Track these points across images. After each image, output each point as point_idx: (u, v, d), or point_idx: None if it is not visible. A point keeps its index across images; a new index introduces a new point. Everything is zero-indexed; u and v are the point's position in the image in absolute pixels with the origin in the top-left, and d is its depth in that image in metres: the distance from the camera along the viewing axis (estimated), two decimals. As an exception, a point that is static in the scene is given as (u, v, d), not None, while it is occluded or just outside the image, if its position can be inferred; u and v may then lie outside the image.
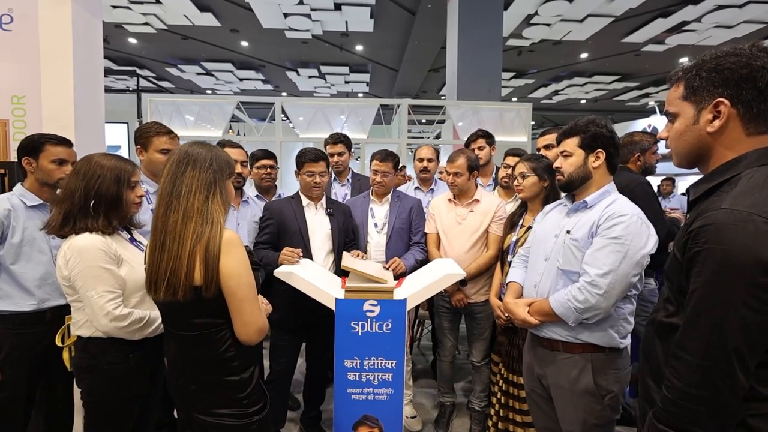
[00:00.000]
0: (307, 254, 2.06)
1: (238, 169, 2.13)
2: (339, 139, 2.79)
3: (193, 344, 1.17)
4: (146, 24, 7.40)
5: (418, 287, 1.77)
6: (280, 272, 1.81)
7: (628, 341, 1.40)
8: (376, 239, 2.32)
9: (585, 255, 1.35)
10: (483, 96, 5.69)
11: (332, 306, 1.73)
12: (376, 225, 2.34)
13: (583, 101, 12.88)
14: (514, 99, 12.15)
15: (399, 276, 2.09)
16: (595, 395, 1.37)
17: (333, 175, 2.89)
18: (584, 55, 8.94)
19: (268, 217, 2.13)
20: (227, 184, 1.20)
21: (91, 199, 1.34)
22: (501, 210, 2.24)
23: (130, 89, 10.55)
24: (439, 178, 3.07)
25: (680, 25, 7.22)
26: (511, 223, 2.05)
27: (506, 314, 1.71)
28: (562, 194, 1.61)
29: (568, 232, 1.42)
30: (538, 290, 1.50)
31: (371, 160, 2.36)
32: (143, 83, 8.03)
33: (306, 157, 2.10)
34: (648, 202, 1.97)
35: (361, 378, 1.74)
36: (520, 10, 6.58)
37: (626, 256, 1.28)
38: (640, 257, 1.29)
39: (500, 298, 1.98)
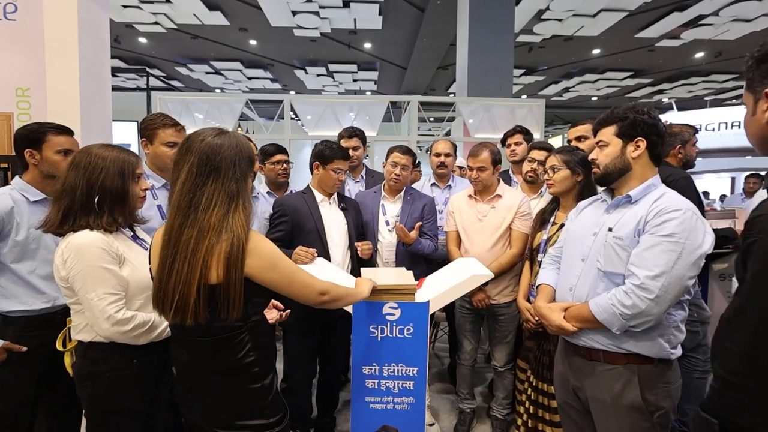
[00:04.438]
0: (324, 251, 1.95)
1: None
2: (354, 132, 2.69)
3: (211, 350, 1.07)
4: (156, 23, 7.40)
5: (441, 289, 1.66)
6: None
7: (678, 352, 1.27)
8: (388, 239, 2.23)
9: (631, 255, 1.22)
10: (494, 93, 5.58)
11: (349, 309, 1.62)
12: (387, 223, 2.25)
13: (594, 98, 12.70)
14: (524, 96, 12.01)
15: (418, 276, 1.98)
16: (642, 412, 1.23)
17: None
18: (596, 51, 8.78)
19: (281, 213, 2.01)
20: (249, 183, 1.10)
21: (95, 195, 1.25)
22: (524, 205, 2.12)
23: (141, 88, 10.56)
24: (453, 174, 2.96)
25: (696, 18, 7.03)
26: (542, 220, 1.92)
27: (536, 318, 1.58)
28: (600, 189, 1.48)
29: (610, 229, 1.30)
30: (575, 294, 1.37)
31: (389, 153, 2.26)
32: (153, 82, 8.01)
33: (338, 154, 2.01)
34: (688, 197, 1.84)
35: (380, 386, 1.63)
36: (532, 5, 6.46)
37: (681, 255, 1.14)
38: (696, 257, 1.16)
39: (529, 301, 1.86)
